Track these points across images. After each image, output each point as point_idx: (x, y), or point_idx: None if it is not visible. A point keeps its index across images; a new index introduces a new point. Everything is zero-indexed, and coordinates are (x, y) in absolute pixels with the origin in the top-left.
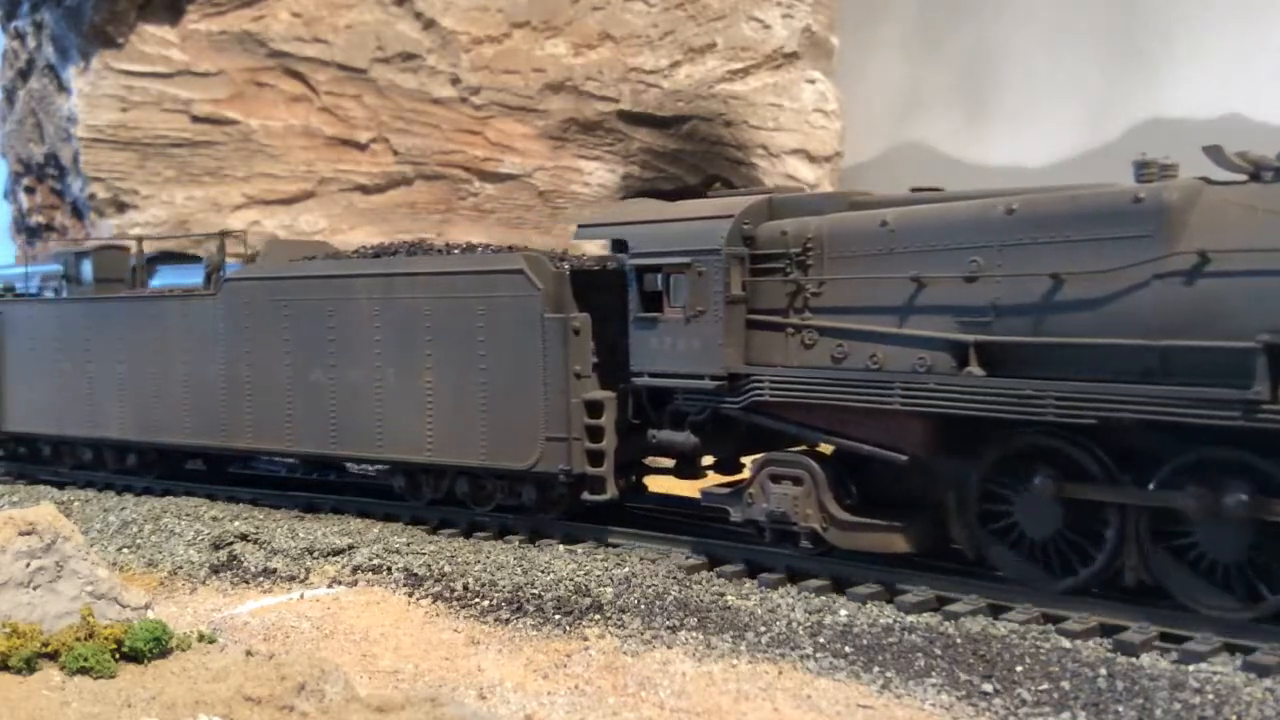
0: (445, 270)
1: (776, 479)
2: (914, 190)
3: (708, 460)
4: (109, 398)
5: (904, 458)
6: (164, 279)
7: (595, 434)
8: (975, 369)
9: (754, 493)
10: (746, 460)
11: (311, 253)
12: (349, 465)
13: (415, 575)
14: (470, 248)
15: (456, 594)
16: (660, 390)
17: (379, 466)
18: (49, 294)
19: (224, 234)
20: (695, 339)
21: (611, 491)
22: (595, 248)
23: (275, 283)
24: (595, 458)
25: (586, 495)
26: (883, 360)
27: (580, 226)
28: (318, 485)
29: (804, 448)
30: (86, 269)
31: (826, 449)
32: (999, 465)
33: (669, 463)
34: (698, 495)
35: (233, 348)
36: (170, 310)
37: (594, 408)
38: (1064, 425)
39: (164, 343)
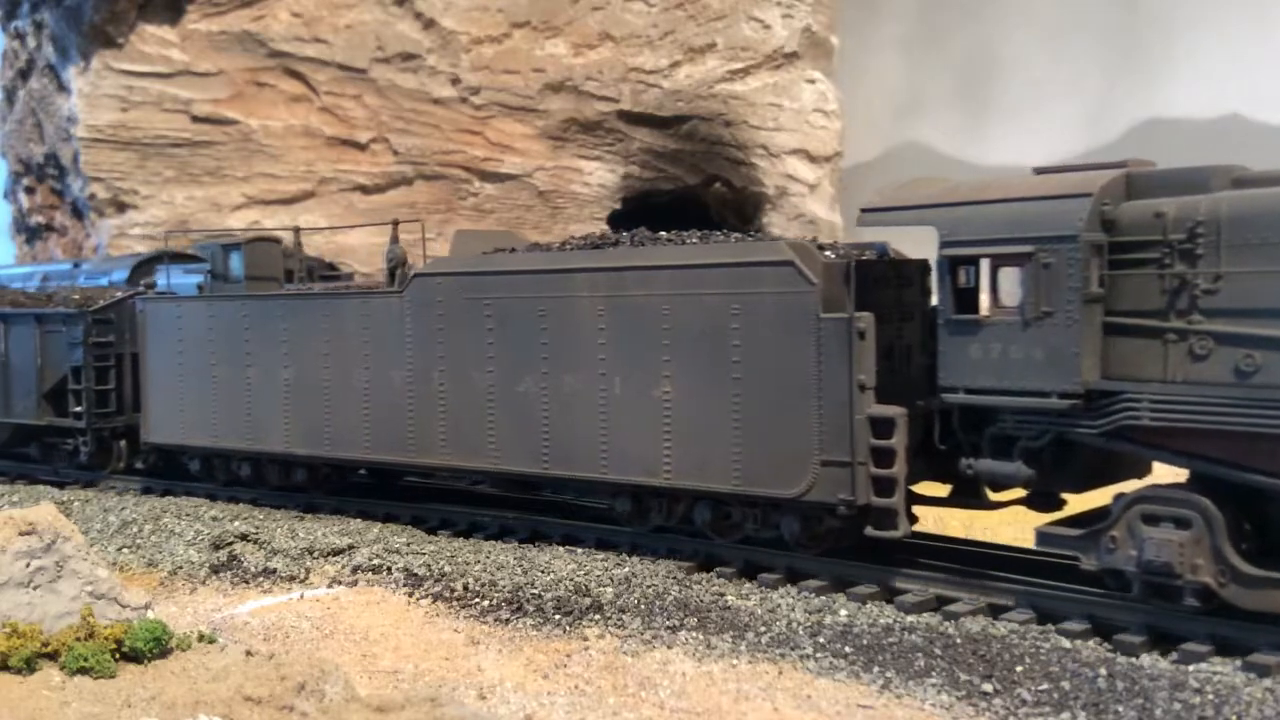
0: (691, 263)
1: (1152, 520)
2: None
3: (1004, 494)
4: (272, 407)
5: None
6: (166, 280)
7: (882, 457)
8: None
9: (1118, 536)
10: (1065, 495)
11: (504, 243)
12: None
13: (415, 575)
14: (706, 235)
15: (456, 594)
16: (975, 409)
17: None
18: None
19: (396, 222)
20: (1036, 347)
21: (904, 527)
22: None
23: (474, 278)
24: (883, 486)
25: (871, 530)
26: None
27: (864, 211)
28: (317, 485)
29: (1175, 482)
30: (236, 263)
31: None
32: None
33: (943, 490)
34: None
35: (422, 352)
36: (347, 310)
37: (881, 426)
38: None
39: (339, 346)
